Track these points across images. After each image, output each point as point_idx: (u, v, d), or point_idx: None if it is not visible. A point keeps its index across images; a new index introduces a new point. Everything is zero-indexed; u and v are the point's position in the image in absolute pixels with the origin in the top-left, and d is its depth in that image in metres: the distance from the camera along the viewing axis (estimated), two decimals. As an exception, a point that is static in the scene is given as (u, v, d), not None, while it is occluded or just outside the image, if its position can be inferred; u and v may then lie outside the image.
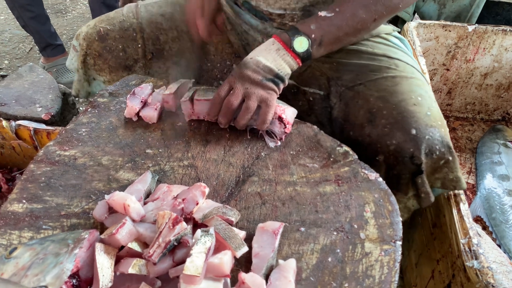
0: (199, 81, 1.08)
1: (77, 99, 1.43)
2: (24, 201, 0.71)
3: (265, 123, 0.80)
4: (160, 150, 0.82)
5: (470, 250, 0.80)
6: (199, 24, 0.90)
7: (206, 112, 0.84)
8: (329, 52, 0.84)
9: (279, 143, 0.82)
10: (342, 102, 0.93)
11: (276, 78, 0.79)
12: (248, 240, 0.64)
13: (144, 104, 0.88)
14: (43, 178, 0.75)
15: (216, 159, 0.80)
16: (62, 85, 1.35)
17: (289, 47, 0.79)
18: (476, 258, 0.79)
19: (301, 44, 0.78)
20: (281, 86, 0.80)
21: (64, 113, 1.29)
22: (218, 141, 0.84)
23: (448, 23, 1.53)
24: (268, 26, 0.96)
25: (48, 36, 2.06)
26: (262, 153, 0.81)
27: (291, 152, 0.80)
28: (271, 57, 0.79)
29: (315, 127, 0.85)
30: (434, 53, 1.61)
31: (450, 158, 0.82)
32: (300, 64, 0.81)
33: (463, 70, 1.64)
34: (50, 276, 0.53)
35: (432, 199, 0.84)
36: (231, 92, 0.79)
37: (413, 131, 0.80)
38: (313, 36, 0.78)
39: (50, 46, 2.09)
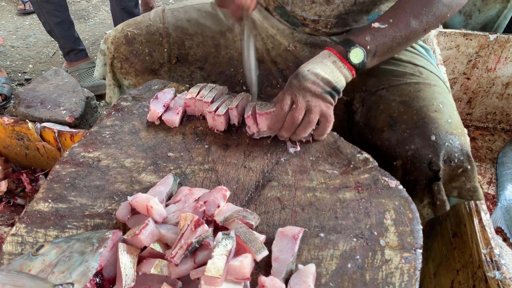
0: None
1: (98, 103, 1.46)
2: (50, 200, 0.73)
3: (323, 136, 0.82)
4: (181, 154, 0.83)
5: (492, 260, 0.79)
6: None
7: (267, 126, 0.83)
8: (380, 61, 0.84)
9: (298, 148, 0.82)
10: (365, 107, 0.93)
11: (334, 90, 0.79)
12: (268, 244, 0.65)
13: (167, 108, 0.90)
14: (68, 179, 0.77)
15: (236, 163, 0.81)
16: (85, 89, 1.38)
17: (345, 58, 0.79)
18: (498, 269, 0.78)
19: (357, 55, 0.78)
20: (336, 99, 0.81)
21: (87, 116, 1.33)
22: (238, 146, 0.85)
23: (469, 31, 1.52)
24: (295, 32, 0.96)
25: (72, 41, 2.12)
26: (281, 159, 0.81)
27: (311, 158, 0.81)
28: (328, 69, 0.78)
29: (335, 133, 0.85)
30: (455, 62, 1.60)
31: (469, 167, 0.81)
32: (355, 76, 0.81)
33: (484, 79, 1.62)
34: (76, 273, 0.54)
35: (447, 207, 0.83)
36: (294, 106, 0.78)
37: (433, 137, 0.80)
38: (368, 47, 0.79)
39: (74, 51, 2.14)
